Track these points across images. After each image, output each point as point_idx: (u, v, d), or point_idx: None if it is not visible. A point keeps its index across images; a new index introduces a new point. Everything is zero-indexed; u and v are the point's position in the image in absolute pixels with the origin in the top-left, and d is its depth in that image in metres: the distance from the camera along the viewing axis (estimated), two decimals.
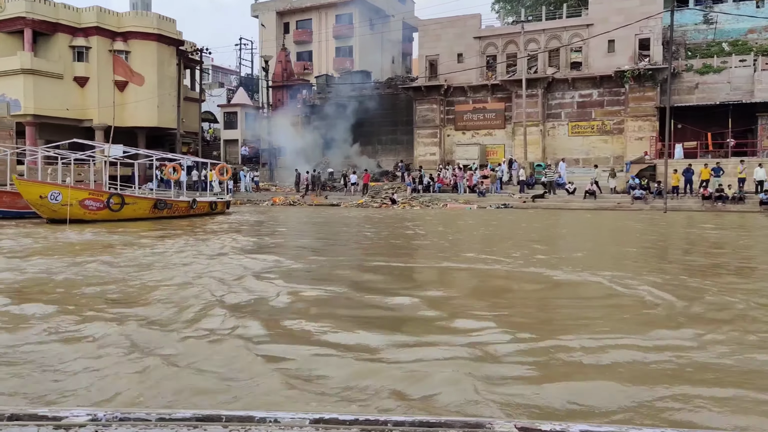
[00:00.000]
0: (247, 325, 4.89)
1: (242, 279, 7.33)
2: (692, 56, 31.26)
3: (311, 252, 10.66)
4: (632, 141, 30.56)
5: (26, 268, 7.90)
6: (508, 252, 10.58)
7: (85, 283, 6.88)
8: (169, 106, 39.79)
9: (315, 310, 5.64)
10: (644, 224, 18.14)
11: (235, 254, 9.73)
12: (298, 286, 6.88)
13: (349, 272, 8.35)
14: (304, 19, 49.08)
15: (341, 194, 32.59)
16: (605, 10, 31.59)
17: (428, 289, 7.02)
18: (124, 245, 10.76)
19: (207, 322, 5.04)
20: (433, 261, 9.64)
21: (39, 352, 4.14)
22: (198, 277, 7.29)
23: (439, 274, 8.52)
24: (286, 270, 8.19)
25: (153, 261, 8.83)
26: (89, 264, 8.30)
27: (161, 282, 7.01)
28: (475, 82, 34.36)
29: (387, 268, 8.78)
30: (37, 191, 15.23)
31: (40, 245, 10.67)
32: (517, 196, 28.49)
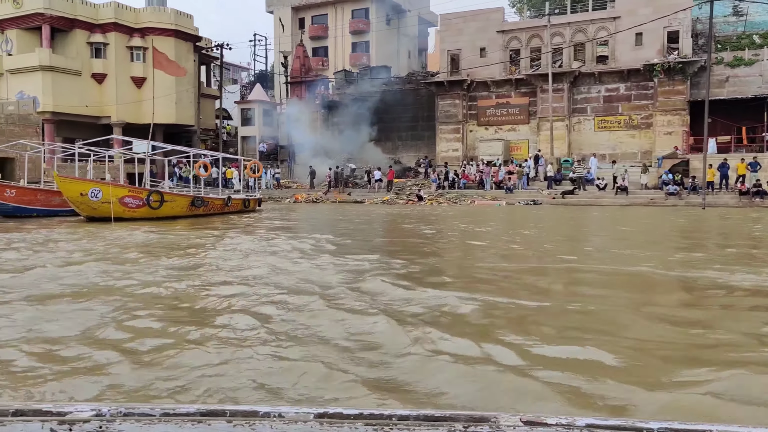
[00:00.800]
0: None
1: (362, 276, 6.89)
2: (722, 49, 30.67)
3: (396, 251, 9.97)
4: (661, 136, 30.03)
5: (134, 274, 7.24)
6: (621, 251, 9.87)
7: (247, 292, 6.25)
8: (186, 103, 39.45)
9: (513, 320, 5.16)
10: (700, 220, 17.65)
11: (327, 253, 9.23)
12: (445, 292, 6.19)
13: (497, 277, 7.65)
14: (320, 15, 48.58)
15: (364, 191, 32.17)
16: (633, 2, 31.04)
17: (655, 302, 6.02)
18: (195, 246, 10.29)
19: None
20: (554, 262, 8.74)
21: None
22: (328, 284, 6.81)
23: (603, 277, 7.46)
24: (402, 271, 7.62)
25: (251, 263, 8.29)
26: (202, 269, 7.69)
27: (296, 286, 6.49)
28: (498, 76, 33.86)
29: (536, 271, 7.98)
30: (78, 188, 14.86)
31: (114, 247, 10.12)
32: (546, 192, 28.02)
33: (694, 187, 25.31)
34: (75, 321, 4.81)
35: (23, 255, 9.04)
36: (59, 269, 7.57)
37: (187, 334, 4.38)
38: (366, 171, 33.15)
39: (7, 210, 16.98)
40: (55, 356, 3.89)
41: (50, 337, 4.32)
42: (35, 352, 3.97)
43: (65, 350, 4.01)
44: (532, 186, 29.77)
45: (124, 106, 37.09)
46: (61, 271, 7.44)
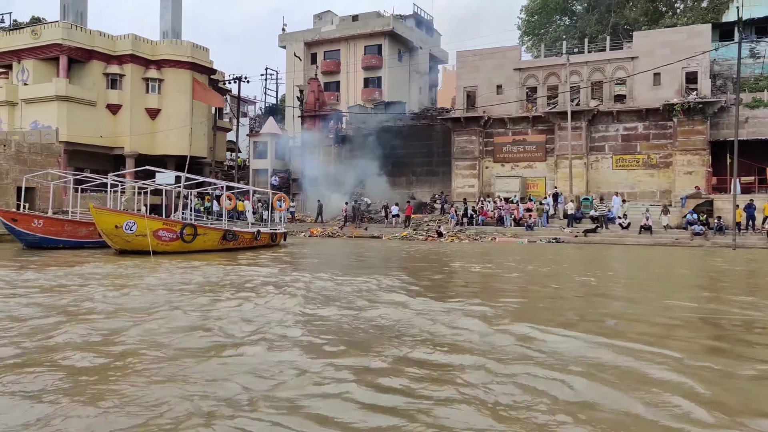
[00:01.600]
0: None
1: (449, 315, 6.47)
2: (741, 90, 30.74)
3: (496, 294, 9.56)
4: (681, 175, 29.88)
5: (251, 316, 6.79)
6: (697, 294, 9.34)
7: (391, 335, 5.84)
8: (200, 135, 39.39)
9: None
10: (741, 263, 17.27)
11: (399, 291, 8.82)
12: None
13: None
14: (332, 50, 48.96)
15: (381, 226, 31.78)
16: (651, 43, 31.26)
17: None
18: (264, 284, 9.84)
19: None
20: (659, 305, 8.26)
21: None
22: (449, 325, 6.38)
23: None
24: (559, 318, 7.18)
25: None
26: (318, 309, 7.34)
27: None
28: (514, 113, 33.87)
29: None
30: (113, 220, 14.43)
31: (189, 283, 9.67)
32: (568, 230, 27.68)
33: (720, 228, 25.01)
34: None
35: (130, 297, 8.44)
36: (198, 313, 7.09)
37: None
38: (383, 206, 32.80)
39: (34, 241, 16.54)
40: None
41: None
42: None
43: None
44: (552, 224, 29.45)
45: (137, 137, 36.96)
46: (198, 317, 6.90)
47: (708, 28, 30.85)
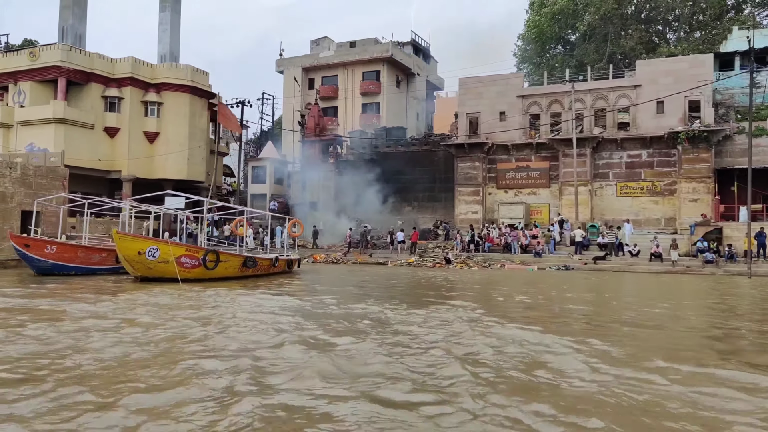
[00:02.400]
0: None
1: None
2: (742, 119, 31.08)
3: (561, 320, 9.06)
4: (686, 203, 29.93)
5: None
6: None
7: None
8: (198, 159, 38.87)
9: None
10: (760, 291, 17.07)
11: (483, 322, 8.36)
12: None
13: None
14: (330, 75, 48.94)
15: (386, 252, 31.34)
16: (653, 72, 31.55)
17: None
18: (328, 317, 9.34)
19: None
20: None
21: None
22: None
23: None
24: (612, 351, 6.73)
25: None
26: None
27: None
28: (518, 140, 33.86)
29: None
30: (136, 246, 13.85)
31: (280, 312, 9.18)
32: (576, 257, 27.45)
33: (731, 255, 24.93)
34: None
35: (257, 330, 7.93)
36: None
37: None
38: (388, 232, 32.39)
39: (45, 267, 15.85)
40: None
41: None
42: None
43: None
44: (559, 251, 29.22)
45: (134, 160, 36.33)
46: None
47: (710, 57, 31.25)
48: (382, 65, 47.10)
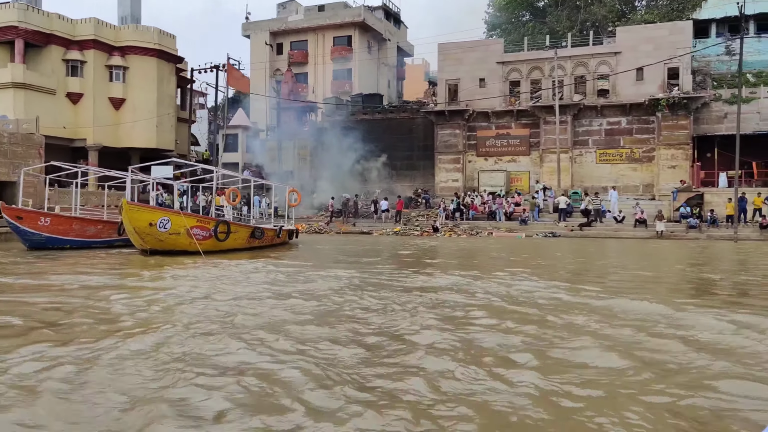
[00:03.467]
0: None
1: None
2: (718, 86, 31.60)
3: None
4: (665, 169, 30.41)
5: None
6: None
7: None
8: (167, 127, 37.32)
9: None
10: None
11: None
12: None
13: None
14: (300, 41, 47.52)
15: (370, 222, 30.93)
16: (633, 38, 31.65)
17: None
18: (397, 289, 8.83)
19: None
20: None
21: None
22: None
23: None
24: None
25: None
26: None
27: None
28: (498, 107, 33.65)
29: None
30: (148, 218, 12.98)
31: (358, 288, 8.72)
32: (562, 224, 27.65)
33: (713, 221, 25.52)
34: None
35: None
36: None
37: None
38: (372, 201, 31.92)
39: (39, 241, 14.78)
40: None
41: None
42: None
43: None
44: (542, 218, 29.39)
45: (100, 128, 34.60)
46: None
47: (689, 24, 31.52)
48: (353, 30, 45.97)
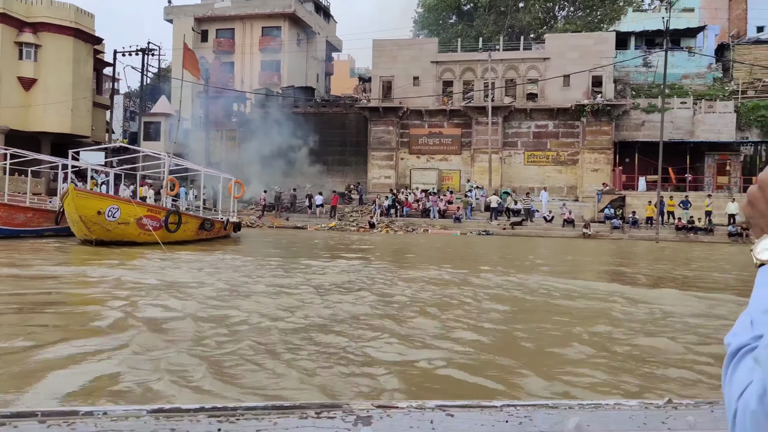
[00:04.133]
0: None
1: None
2: (637, 96, 33.43)
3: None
4: (588, 172, 31.83)
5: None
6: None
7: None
8: (83, 111, 35.07)
9: None
10: (700, 254, 18.56)
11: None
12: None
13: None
14: (226, 29, 45.96)
15: (304, 216, 30.36)
16: (561, 45, 32.91)
17: None
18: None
19: None
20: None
21: None
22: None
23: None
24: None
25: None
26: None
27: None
28: (431, 106, 34.00)
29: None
30: (96, 205, 11.86)
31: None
32: (495, 222, 28.32)
33: (635, 222, 26.96)
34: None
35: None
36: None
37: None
38: (307, 195, 31.32)
39: None
40: None
41: None
42: None
43: None
44: (474, 216, 29.97)
45: (7, 110, 31.98)
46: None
47: (613, 36, 33.17)
48: (283, 21, 45.00)
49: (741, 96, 32.19)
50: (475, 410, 1.02)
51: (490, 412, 1.01)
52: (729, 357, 0.66)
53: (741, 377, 0.62)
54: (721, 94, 32.64)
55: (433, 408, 1.00)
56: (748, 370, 0.61)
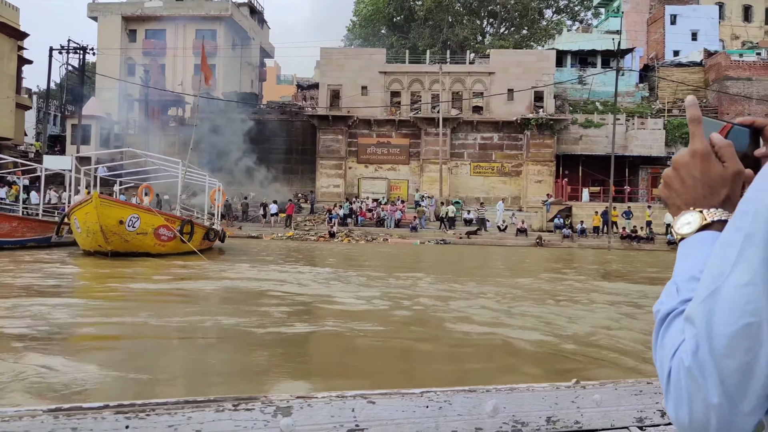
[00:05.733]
0: None
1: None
2: (574, 111, 35.25)
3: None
4: (532, 183, 33.15)
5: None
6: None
7: None
8: (6, 111, 32.46)
9: None
10: (645, 261, 19.78)
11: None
12: None
13: None
14: (157, 30, 44.01)
15: (258, 225, 29.54)
16: (505, 61, 34.16)
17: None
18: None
19: None
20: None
21: None
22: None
23: None
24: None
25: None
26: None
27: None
28: (379, 116, 34.20)
29: None
30: (119, 214, 10.87)
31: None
32: (451, 232, 28.84)
33: (583, 231, 28.37)
34: None
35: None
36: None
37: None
38: (261, 204, 30.43)
39: None
40: None
41: None
42: None
43: None
44: (428, 226, 30.38)
45: None
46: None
47: (553, 53, 34.84)
48: (219, 24, 43.73)
49: (667, 114, 34.74)
50: (396, 397, 1.04)
51: (411, 398, 1.04)
52: (659, 323, 0.71)
53: (672, 338, 0.67)
54: (648, 112, 35.09)
55: (354, 396, 1.01)
56: (679, 332, 0.66)
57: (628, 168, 33.04)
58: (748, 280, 0.59)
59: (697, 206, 0.76)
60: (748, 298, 0.59)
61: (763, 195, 0.60)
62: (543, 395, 1.11)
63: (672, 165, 0.80)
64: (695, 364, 0.62)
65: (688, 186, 0.77)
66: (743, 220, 0.61)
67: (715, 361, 0.60)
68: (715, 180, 0.75)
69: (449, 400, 1.05)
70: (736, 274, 0.60)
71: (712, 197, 0.76)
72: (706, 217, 0.75)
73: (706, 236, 0.74)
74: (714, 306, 0.62)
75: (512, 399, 1.08)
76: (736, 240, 0.61)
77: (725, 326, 0.60)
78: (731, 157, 0.75)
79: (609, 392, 1.13)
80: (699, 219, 0.75)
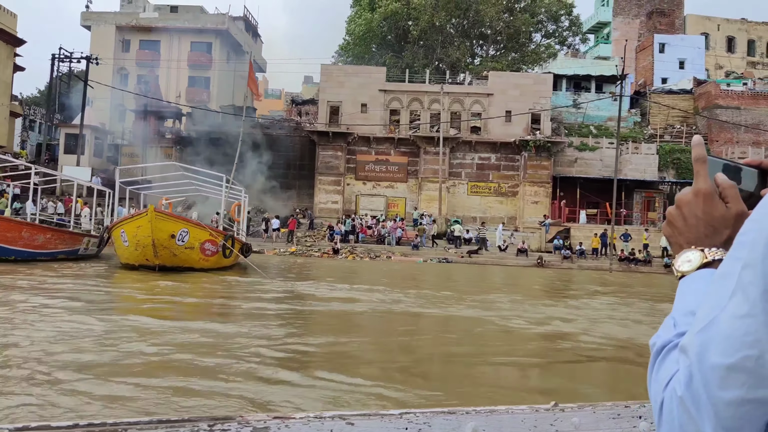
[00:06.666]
0: None
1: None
2: (569, 134, 35.91)
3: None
4: (528, 204, 33.58)
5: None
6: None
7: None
8: (1, 119, 31.73)
9: None
10: (655, 284, 20.17)
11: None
12: None
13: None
14: (151, 41, 43.73)
15: (259, 240, 29.30)
16: (504, 83, 34.73)
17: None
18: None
19: None
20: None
21: None
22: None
23: None
24: None
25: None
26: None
27: None
28: (378, 133, 34.40)
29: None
30: (171, 228, 10.70)
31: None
32: (452, 250, 29.02)
33: (581, 252, 28.79)
34: None
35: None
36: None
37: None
38: (263, 219, 30.25)
39: None
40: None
41: None
42: None
43: None
44: (427, 244, 30.52)
45: None
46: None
47: (550, 77, 35.52)
48: (214, 38, 43.66)
49: (659, 139, 35.61)
50: (375, 418, 1.04)
51: (390, 419, 1.04)
52: (654, 356, 0.70)
53: (667, 369, 0.66)
54: (640, 137, 35.93)
55: (332, 417, 1.01)
56: (673, 362, 0.65)
57: (625, 191, 33.67)
58: (746, 311, 0.58)
59: (699, 245, 0.77)
60: (747, 330, 0.58)
61: (761, 225, 0.60)
62: (522, 417, 1.11)
63: (675, 203, 0.80)
64: (688, 395, 0.61)
65: (691, 225, 0.78)
66: (740, 250, 0.61)
67: (709, 393, 0.59)
68: (717, 220, 0.76)
69: (428, 422, 1.05)
70: (733, 304, 0.60)
71: (714, 237, 0.76)
72: (707, 256, 0.75)
73: (706, 273, 0.74)
74: (710, 337, 0.60)
75: (491, 421, 1.09)
76: (734, 271, 0.61)
77: (722, 357, 0.59)
78: (735, 198, 0.76)
79: (587, 415, 1.13)
80: (700, 257, 0.75)
